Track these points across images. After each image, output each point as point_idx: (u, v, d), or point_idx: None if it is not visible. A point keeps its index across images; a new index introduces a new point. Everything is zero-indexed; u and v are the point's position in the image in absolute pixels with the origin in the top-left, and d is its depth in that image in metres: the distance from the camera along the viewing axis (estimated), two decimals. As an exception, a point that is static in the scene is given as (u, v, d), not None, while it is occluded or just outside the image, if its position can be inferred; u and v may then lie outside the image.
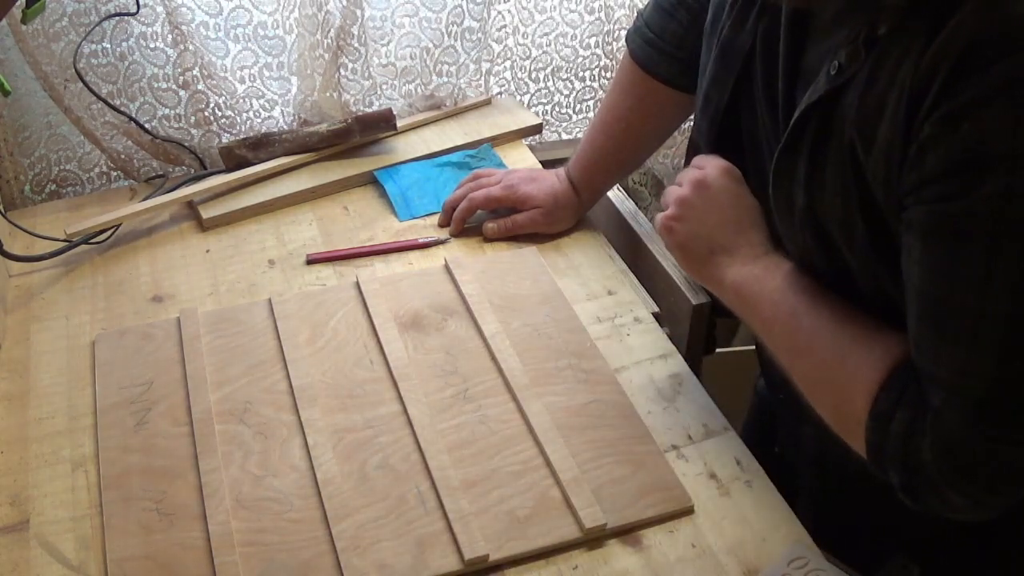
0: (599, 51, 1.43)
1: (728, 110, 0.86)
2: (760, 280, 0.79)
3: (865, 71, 0.66)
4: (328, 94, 1.27)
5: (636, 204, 1.25)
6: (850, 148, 0.68)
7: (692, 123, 1.01)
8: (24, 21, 1.03)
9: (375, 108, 1.31)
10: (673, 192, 0.86)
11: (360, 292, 1.05)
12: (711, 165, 0.85)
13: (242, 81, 1.27)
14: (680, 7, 1.01)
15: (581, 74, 1.45)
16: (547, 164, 1.26)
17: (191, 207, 1.20)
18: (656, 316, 1.06)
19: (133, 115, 1.24)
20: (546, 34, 1.40)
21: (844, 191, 0.69)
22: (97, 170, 1.29)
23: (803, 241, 0.76)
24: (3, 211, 1.14)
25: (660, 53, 1.03)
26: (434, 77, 1.34)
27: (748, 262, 0.81)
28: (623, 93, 1.09)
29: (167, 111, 1.26)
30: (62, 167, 1.27)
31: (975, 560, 0.84)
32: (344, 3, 1.21)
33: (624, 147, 1.11)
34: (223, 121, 1.28)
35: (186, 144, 1.28)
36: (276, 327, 1.01)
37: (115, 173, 1.30)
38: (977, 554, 0.83)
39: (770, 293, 0.78)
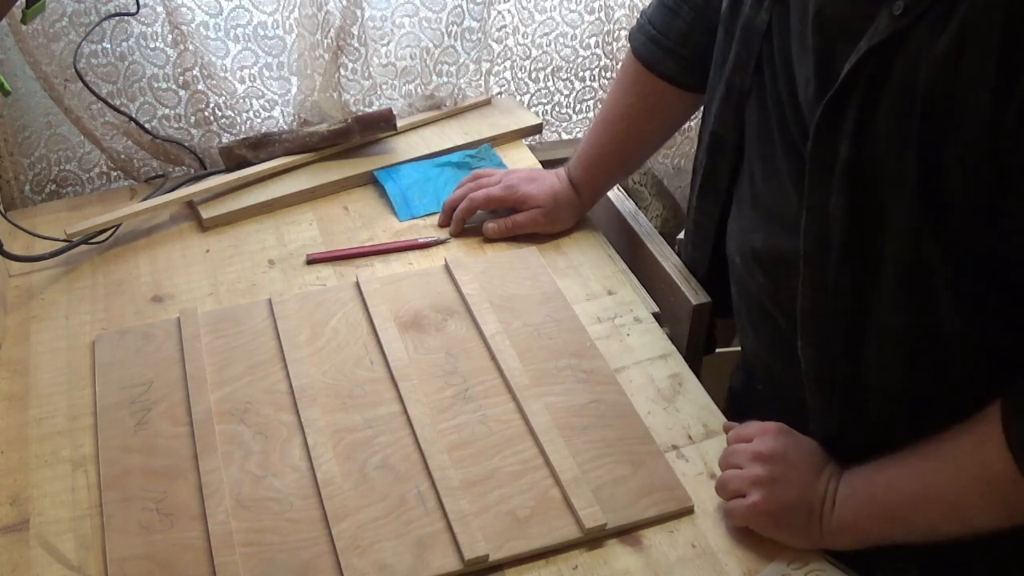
0: (599, 51, 1.43)
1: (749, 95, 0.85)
2: (873, 495, 0.77)
3: (942, 6, 0.64)
4: (328, 94, 1.27)
5: (636, 204, 1.25)
6: (925, 91, 0.66)
7: (701, 122, 1.01)
8: (24, 21, 1.03)
9: (375, 108, 1.31)
10: (739, 476, 0.81)
11: (360, 292, 1.05)
12: (766, 430, 0.83)
13: (242, 81, 1.27)
14: (684, 4, 1.01)
15: (581, 74, 1.45)
16: (547, 164, 1.26)
17: (191, 207, 1.20)
18: (656, 316, 1.06)
19: (133, 115, 1.24)
20: (546, 34, 1.40)
21: (902, 140, 0.67)
22: (97, 170, 1.29)
23: (834, 207, 0.73)
24: (3, 211, 1.14)
25: (664, 50, 1.03)
26: (434, 77, 1.34)
27: (846, 493, 0.78)
28: (626, 91, 1.09)
29: (167, 111, 1.26)
30: (62, 167, 1.27)
31: (973, 561, 0.84)
32: (344, 3, 1.21)
33: (626, 145, 1.11)
34: (223, 121, 1.28)
35: (186, 144, 1.28)
36: (276, 327, 1.01)
37: (115, 173, 1.30)
38: (975, 555, 0.83)
39: (889, 495, 0.76)
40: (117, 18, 1.17)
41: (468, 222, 1.16)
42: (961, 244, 0.69)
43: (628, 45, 1.09)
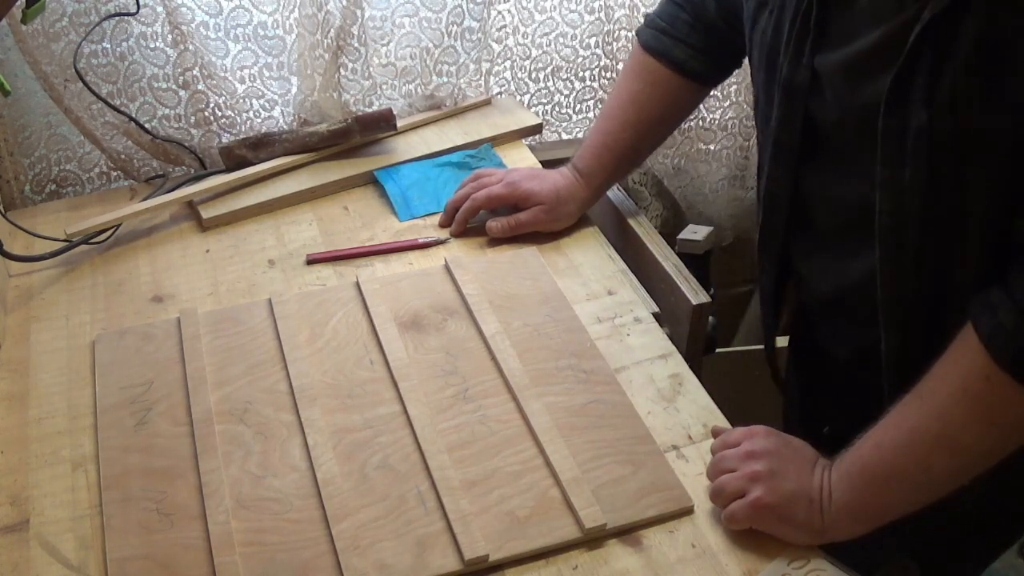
0: (599, 51, 1.43)
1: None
2: (863, 465, 0.77)
3: None
4: (328, 94, 1.27)
5: (636, 204, 1.25)
6: (993, 46, 0.68)
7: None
8: (24, 21, 1.03)
9: (375, 108, 1.31)
10: (736, 477, 0.81)
11: (360, 292, 1.05)
12: (753, 433, 0.83)
13: (242, 81, 1.27)
14: (688, 3, 1.07)
15: (581, 74, 1.45)
16: (547, 164, 1.26)
17: (191, 207, 1.21)
18: (656, 316, 1.06)
19: (133, 115, 1.24)
20: (546, 34, 1.40)
21: (981, 96, 0.69)
22: (97, 170, 1.29)
23: (911, 173, 0.74)
24: (3, 211, 1.15)
25: (673, 39, 1.08)
26: (434, 77, 1.34)
27: (839, 476, 0.79)
28: (636, 78, 1.12)
29: (167, 111, 1.26)
30: (62, 167, 1.27)
31: (974, 560, 0.84)
32: (344, 3, 1.21)
33: (637, 130, 1.13)
34: (223, 121, 1.28)
35: (186, 144, 1.28)
36: (276, 327, 1.01)
37: (115, 173, 1.30)
38: (975, 554, 0.83)
39: (877, 455, 0.77)
40: (117, 18, 1.17)
41: (470, 222, 1.16)
42: None
43: (630, 46, 1.11)
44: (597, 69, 1.45)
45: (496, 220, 1.14)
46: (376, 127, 1.27)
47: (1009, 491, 0.82)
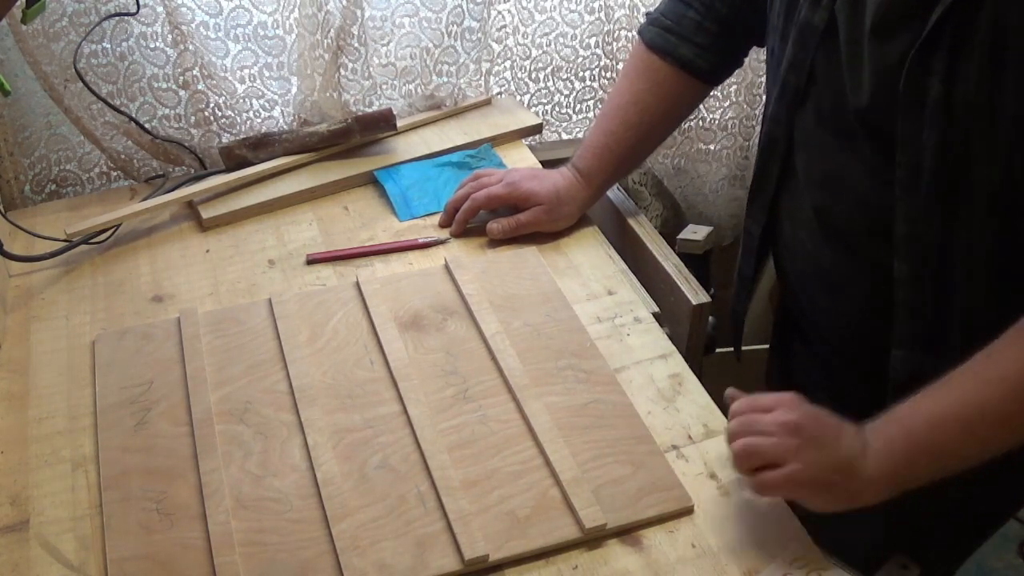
0: (599, 51, 1.43)
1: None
2: (919, 438, 0.77)
3: None
4: (328, 94, 1.27)
5: (636, 204, 1.25)
6: (1016, 36, 0.73)
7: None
8: (24, 21, 1.03)
9: (375, 108, 1.31)
10: (773, 444, 0.78)
11: (360, 292, 1.05)
12: (783, 402, 0.81)
13: (242, 81, 1.27)
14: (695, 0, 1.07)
15: (581, 74, 1.45)
16: (547, 164, 1.26)
17: (191, 207, 1.21)
18: (656, 316, 1.06)
19: (133, 115, 1.24)
20: (546, 34, 1.40)
21: (994, 80, 0.75)
22: (97, 170, 1.29)
23: (928, 137, 0.79)
24: (3, 211, 1.15)
25: (679, 37, 1.08)
26: (434, 77, 1.34)
27: (878, 441, 0.78)
28: (639, 77, 1.12)
29: (167, 111, 1.26)
30: (62, 167, 1.27)
31: (966, 551, 0.84)
32: (344, 3, 1.21)
33: (638, 131, 1.13)
34: (223, 121, 1.28)
35: (186, 144, 1.28)
36: (276, 327, 1.01)
37: (115, 173, 1.30)
38: (967, 543, 0.84)
39: (944, 433, 0.77)
40: (117, 18, 1.17)
41: (470, 222, 1.16)
42: None
43: (630, 45, 1.11)
44: (597, 69, 1.45)
45: (496, 221, 1.14)
46: (376, 127, 1.27)
47: (992, 477, 0.82)
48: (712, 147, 1.52)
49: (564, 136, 1.50)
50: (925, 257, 0.84)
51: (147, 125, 1.25)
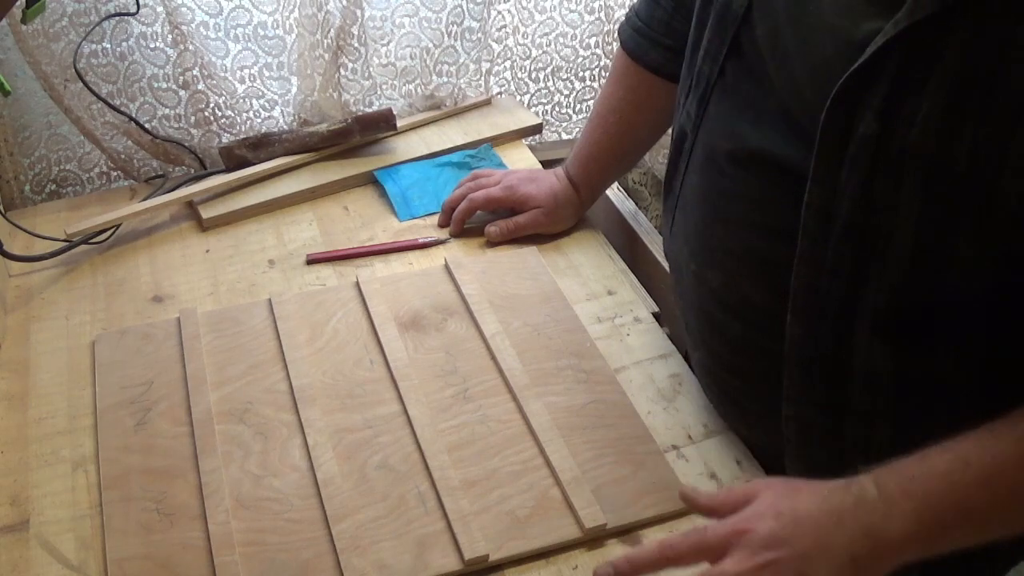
0: (599, 51, 1.43)
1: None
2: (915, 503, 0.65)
3: None
4: (328, 94, 1.27)
5: (636, 204, 1.25)
6: (985, 74, 0.61)
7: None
8: (24, 21, 1.03)
9: (375, 108, 1.31)
10: (751, 569, 0.65)
11: (360, 292, 1.05)
12: (751, 496, 0.69)
13: (242, 81, 1.27)
14: None
15: (581, 74, 1.45)
16: (547, 164, 1.26)
17: (191, 207, 1.21)
18: (656, 316, 1.06)
19: (133, 115, 1.24)
20: (546, 34, 1.40)
21: (948, 124, 0.63)
22: (97, 170, 1.29)
23: (846, 182, 0.68)
24: (3, 211, 1.14)
25: (649, 41, 1.03)
26: (434, 77, 1.34)
27: (876, 513, 0.66)
28: (616, 84, 1.09)
29: (167, 111, 1.26)
30: (62, 167, 1.27)
31: (975, 561, 0.84)
32: (344, 3, 1.21)
33: (620, 140, 1.11)
34: (223, 121, 1.28)
35: (186, 144, 1.28)
36: (276, 327, 1.01)
37: (115, 173, 1.30)
38: (976, 555, 0.83)
39: (929, 502, 0.65)
40: (117, 18, 1.17)
41: (468, 222, 1.16)
42: (990, 235, 0.65)
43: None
44: (597, 69, 1.45)
45: (494, 224, 1.14)
46: (376, 127, 1.27)
47: None
48: (712, 147, 1.52)
49: (564, 136, 1.50)
50: (823, 313, 0.74)
51: (147, 125, 1.25)
